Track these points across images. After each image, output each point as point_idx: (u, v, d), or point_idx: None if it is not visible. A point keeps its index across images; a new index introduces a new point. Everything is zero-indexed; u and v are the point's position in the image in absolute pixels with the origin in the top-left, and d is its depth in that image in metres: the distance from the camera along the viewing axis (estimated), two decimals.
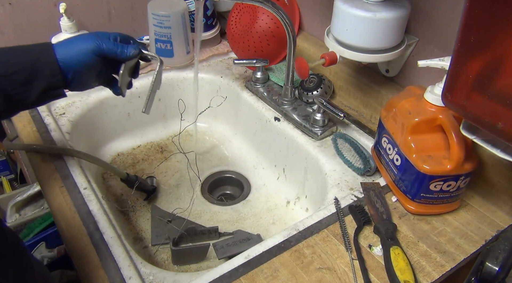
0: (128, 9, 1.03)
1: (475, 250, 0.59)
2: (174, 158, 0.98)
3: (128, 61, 0.62)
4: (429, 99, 0.59)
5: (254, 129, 0.95)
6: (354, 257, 0.57)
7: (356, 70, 0.86)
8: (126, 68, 0.63)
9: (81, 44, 0.56)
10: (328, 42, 0.75)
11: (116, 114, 0.96)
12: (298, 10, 0.98)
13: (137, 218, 0.83)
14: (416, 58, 0.74)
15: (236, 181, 0.96)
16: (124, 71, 0.63)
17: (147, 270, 0.57)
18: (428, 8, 0.70)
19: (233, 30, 0.98)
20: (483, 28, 0.39)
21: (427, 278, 0.55)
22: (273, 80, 0.94)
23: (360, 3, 0.67)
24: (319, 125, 0.80)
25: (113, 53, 0.58)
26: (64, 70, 0.55)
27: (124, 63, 0.62)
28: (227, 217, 0.85)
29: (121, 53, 0.59)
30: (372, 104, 0.84)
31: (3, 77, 0.51)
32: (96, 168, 0.85)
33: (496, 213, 0.65)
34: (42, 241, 1.17)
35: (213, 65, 1.03)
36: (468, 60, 0.42)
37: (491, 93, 0.40)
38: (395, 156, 0.64)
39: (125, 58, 0.60)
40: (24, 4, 0.89)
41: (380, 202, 0.65)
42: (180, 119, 0.87)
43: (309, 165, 0.80)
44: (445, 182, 0.59)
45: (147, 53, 0.64)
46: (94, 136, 0.93)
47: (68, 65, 0.55)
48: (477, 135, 0.49)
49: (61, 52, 0.55)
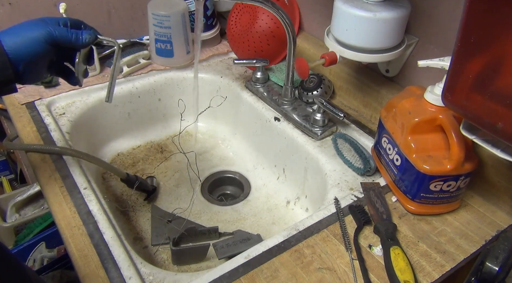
0: (128, 9, 1.03)
1: (475, 250, 0.59)
2: (174, 158, 0.98)
3: (83, 49, 0.58)
4: (429, 99, 0.59)
5: (254, 129, 0.95)
6: (354, 257, 0.57)
7: (356, 70, 0.86)
8: (81, 56, 0.59)
9: (30, 32, 0.51)
10: (328, 42, 0.75)
11: (116, 114, 0.96)
12: (298, 10, 0.98)
13: (137, 218, 0.83)
14: (416, 58, 0.74)
15: (236, 181, 0.96)
16: (79, 60, 0.59)
17: (147, 270, 0.57)
18: (428, 8, 0.70)
19: (233, 30, 0.98)
20: (483, 28, 0.39)
21: (427, 278, 0.55)
22: (273, 80, 0.94)
23: (360, 3, 0.67)
24: (319, 125, 0.80)
25: (67, 41, 0.54)
26: (14, 63, 0.51)
27: (79, 51, 0.58)
28: (227, 217, 0.85)
29: (76, 41, 0.54)
30: (372, 104, 0.84)
31: None
32: (96, 168, 0.85)
33: (496, 213, 0.65)
34: (42, 241, 1.17)
35: (213, 65, 1.03)
36: (468, 60, 0.42)
37: (491, 93, 0.40)
38: (395, 156, 0.64)
39: (80, 46, 0.56)
40: (24, 4, 0.89)
41: (380, 202, 0.65)
42: (180, 119, 0.87)
43: (309, 165, 0.80)
44: (445, 182, 0.59)
45: (102, 38, 0.60)
46: (94, 136, 0.93)
47: (18, 57, 0.50)
48: (477, 135, 0.49)
49: (9, 43, 0.50)
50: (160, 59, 0.99)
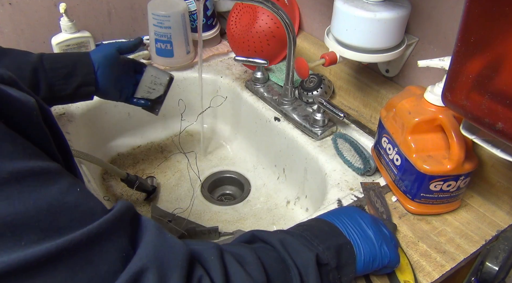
0: (128, 9, 1.03)
1: (475, 250, 0.59)
2: (174, 158, 0.98)
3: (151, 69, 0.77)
4: (429, 99, 0.59)
5: (254, 129, 0.95)
6: None
7: (356, 70, 0.86)
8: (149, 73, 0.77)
9: (107, 46, 0.72)
10: (328, 42, 0.75)
11: (116, 114, 0.96)
12: (298, 10, 0.98)
13: None
14: (416, 58, 0.74)
15: (236, 181, 0.96)
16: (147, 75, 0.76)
17: None
18: (428, 8, 0.70)
19: (233, 30, 0.98)
20: (483, 28, 0.39)
21: (427, 278, 0.55)
22: (273, 80, 0.94)
23: (360, 3, 0.67)
24: (319, 125, 0.80)
25: (124, 45, 0.73)
26: (95, 69, 0.68)
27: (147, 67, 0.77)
28: (227, 217, 0.85)
29: (127, 42, 0.74)
30: (372, 104, 0.84)
31: (50, 70, 0.64)
32: (96, 168, 0.85)
33: (496, 213, 0.65)
34: None
35: (213, 65, 1.03)
36: (468, 60, 0.42)
37: (491, 93, 0.40)
38: (395, 156, 0.64)
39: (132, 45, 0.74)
40: (24, 4, 0.89)
41: (380, 202, 0.65)
42: (180, 119, 0.87)
43: (309, 165, 0.80)
44: (445, 182, 0.59)
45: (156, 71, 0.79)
46: (94, 136, 0.93)
47: (97, 60, 0.68)
48: (477, 135, 0.49)
49: (93, 54, 0.69)
50: (160, 59, 0.99)
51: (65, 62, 0.66)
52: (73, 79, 0.66)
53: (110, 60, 0.70)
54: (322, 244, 0.44)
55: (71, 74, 0.66)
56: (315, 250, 0.43)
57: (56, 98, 0.67)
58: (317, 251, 0.43)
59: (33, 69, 0.63)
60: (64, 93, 0.66)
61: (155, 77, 0.77)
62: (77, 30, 0.91)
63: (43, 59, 0.65)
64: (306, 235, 0.45)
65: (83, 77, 0.67)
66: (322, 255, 0.43)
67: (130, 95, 0.77)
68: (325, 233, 0.47)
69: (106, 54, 0.69)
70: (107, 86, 0.71)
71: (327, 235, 0.47)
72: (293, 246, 0.43)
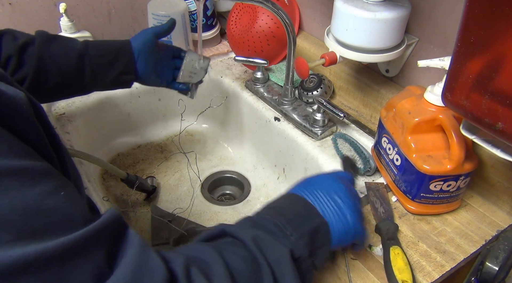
0: (128, 9, 1.03)
1: (475, 250, 0.59)
2: (174, 158, 0.98)
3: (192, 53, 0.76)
4: (429, 99, 0.59)
5: (254, 129, 0.95)
6: (354, 257, 0.57)
7: (356, 70, 0.86)
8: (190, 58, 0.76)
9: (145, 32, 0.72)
10: (328, 42, 0.75)
11: (116, 114, 0.96)
12: (298, 10, 0.98)
13: (137, 218, 0.83)
14: (416, 58, 0.74)
15: (236, 181, 0.96)
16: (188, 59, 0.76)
17: None
18: (428, 8, 0.70)
19: (233, 30, 0.98)
20: (483, 28, 0.39)
21: (427, 278, 0.55)
22: (273, 80, 0.94)
23: (360, 3, 0.67)
24: (319, 125, 0.80)
25: (161, 29, 0.73)
26: (135, 57, 0.70)
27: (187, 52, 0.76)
28: (227, 217, 0.85)
29: (163, 26, 0.73)
30: (372, 104, 0.84)
31: (94, 57, 0.66)
32: (96, 168, 0.85)
33: (496, 213, 0.65)
34: None
35: (213, 65, 1.03)
36: (468, 60, 0.42)
37: (491, 93, 0.40)
38: (395, 156, 0.64)
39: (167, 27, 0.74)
40: (24, 4, 0.89)
41: (382, 201, 0.65)
42: (180, 119, 0.87)
43: (309, 165, 0.80)
44: (445, 182, 0.59)
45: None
46: (94, 136, 0.93)
47: (137, 48, 0.70)
48: (477, 135, 0.49)
49: (134, 42, 0.70)
50: None
51: (108, 49, 0.68)
52: (115, 65, 0.68)
53: (149, 47, 0.71)
54: (295, 232, 0.43)
55: (113, 62, 0.68)
56: (288, 245, 0.42)
57: (98, 84, 0.69)
58: (291, 244, 0.42)
59: (79, 56, 0.65)
60: (107, 80, 0.68)
61: (197, 61, 0.77)
62: (77, 30, 0.91)
63: (88, 46, 0.67)
64: (278, 221, 0.44)
65: (124, 65, 0.69)
66: (296, 248, 0.42)
67: (171, 80, 0.78)
68: (299, 217, 0.46)
69: (145, 40, 0.70)
70: (147, 73, 0.72)
71: (302, 218, 0.45)
72: (265, 242, 0.41)
